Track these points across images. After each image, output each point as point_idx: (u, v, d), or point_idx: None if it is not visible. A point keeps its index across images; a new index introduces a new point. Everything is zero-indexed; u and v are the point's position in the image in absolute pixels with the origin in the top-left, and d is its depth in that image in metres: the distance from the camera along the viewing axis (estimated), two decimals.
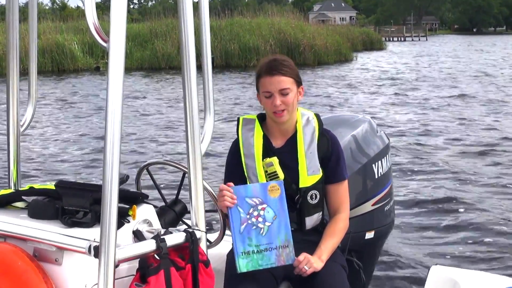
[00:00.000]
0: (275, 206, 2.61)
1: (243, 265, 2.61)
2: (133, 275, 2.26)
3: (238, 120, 2.93)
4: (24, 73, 2.88)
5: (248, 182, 2.83)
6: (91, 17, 2.06)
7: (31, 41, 2.94)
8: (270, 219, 2.61)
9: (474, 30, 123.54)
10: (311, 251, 2.77)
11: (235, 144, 2.90)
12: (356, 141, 3.39)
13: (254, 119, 2.92)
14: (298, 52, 33.42)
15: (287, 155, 2.84)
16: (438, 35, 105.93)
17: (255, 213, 2.60)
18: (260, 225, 2.60)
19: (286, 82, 2.79)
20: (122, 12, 1.99)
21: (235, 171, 2.87)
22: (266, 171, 2.81)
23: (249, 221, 2.60)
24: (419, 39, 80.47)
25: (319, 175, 2.85)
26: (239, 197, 2.60)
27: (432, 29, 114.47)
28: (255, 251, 2.61)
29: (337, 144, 2.91)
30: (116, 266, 2.02)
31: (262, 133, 2.88)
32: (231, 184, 2.64)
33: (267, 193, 2.61)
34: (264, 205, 2.60)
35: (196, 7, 2.48)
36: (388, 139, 3.61)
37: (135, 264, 2.25)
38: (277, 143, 2.89)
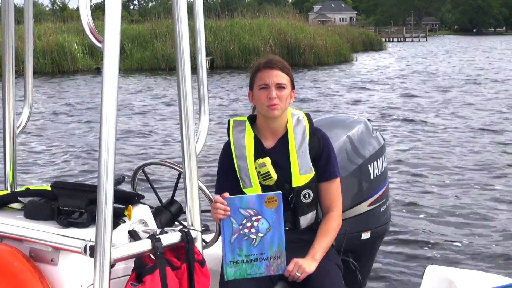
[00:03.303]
0: (270, 218, 2.60)
1: (230, 273, 2.62)
2: (129, 275, 2.27)
3: (228, 122, 2.95)
4: (21, 74, 2.89)
5: (240, 183, 2.85)
6: (86, 17, 2.08)
7: (27, 42, 2.95)
8: (263, 230, 2.60)
9: (474, 30, 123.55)
10: (306, 250, 2.79)
11: (227, 146, 2.93)
12: (351, 142, 3.40)
13: (244, 120, 2.94)
14: (298, 52, 33.48)
15: (279, 155, 2.86)
16: (438, 35, 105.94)
17: (248, 224, 2.59)
18: (252, 236, 2.60)
19: (283, 78, 2.84)
20: (117, 13, 2.00)
21: (228, 173, 2.89)
22: (258, 172, 2.83)
23: (241, 232, 2.59)
24: (419, 40, 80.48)
25: (311, 174, 2.87)
26: (232, 207, 2.59)
27: (432, 29, 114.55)
28: (244, 261, 2.61)
29: (328, 142, 2.93)
30: (112, 265, 2.03)
31: (253, 134, 2.90)
32: (226, 194, 2.63)
33: (263, 204, 2.59)
34: (259, 217, 2.59)
35: (191, 7, 2.50)
36: (384, 140, 3.63)
37: (131, 264, 2.26)
38: (268, 143, 2.91)
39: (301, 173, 2.85)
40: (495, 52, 48.97)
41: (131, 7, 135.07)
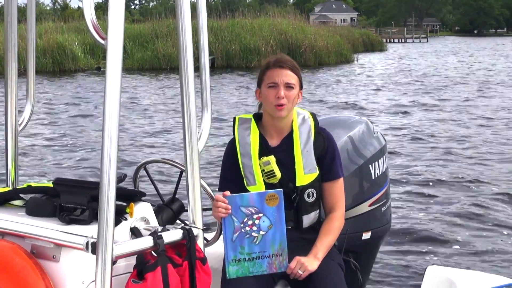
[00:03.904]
0: (272, 215, 2.60)
1: (232, 272, 2.62)
2: (130, 272, 2.27)
3: (234, 120, 2.95)
4: (23, 72, 2.90)
5: (244, 181, 2.86)
6: (89, 14, 2.08)
7: (29, 41, 2.96)
8: (265, 228, 2.60)
9: (475, 31, 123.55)
10: (308, 249, 2.79)
11: (232, 143, 2.93)
12: (352, 142, 3.40)
13: (250, 118, 2.94)
14: (299, 53, 33.46)
15: (284, 154, 2.87)
16: (439, 36, 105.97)
17: (250, 222, 2.59)
18: (254, 234, 2.60)
19: (293, 78, 2.85)
20: (120, 10, 2.01)
21: (232, 171, 2.89)
22: (263, 170, 2.84)
23: (243, 230, 2.59)
24: (420, 41, 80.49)
25: (315, 173, 2.87)
26: (234, 206, 2.58)
27: (433, 30, 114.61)
28: (246, 259, 2.61)
29: (332, 142, 2.94)
30: (113, 262, 2.03)
31: (258, 132, 2.90)
32: (227, 193, 2.63)
33: (264, 202, 2.59)
34: (260, 214, 2.59)
35: (194, 7, 2.51)
36: (385, 140, 3.62)
37: (133, 261, 2.26)
38: (273, 142, 2.91)
39: (305, 172, 2.85)
40: (495, 53, 48.98)
41: (132, 6, 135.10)
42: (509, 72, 29.58)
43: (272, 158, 2.83)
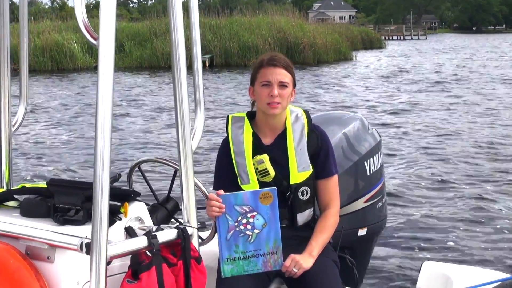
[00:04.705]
0: (266, 214, 2.60)
1: (227, 270, 2.62)
2: (125, 272, 2.27)
3: (227, 118, 2.95)
4: (19, 72, 2.89)
5: (238, 180, 2.86)
6: (81, 14, 2.08)
7: (22, 40, 2.95)
8: (259, 226, 2.60)
9: (474, 28, 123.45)
10: (303, 247, 2.80)
11: (225, 142, 2.93)
12: (347, 139, 3.41)
13: (243, 117, 2.94)
14: (297, 51, 33.43)
15: (277, 152, 2.87)
16: (437, 34, 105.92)
17: (244, 221, 2.59)
18: (248, 232, 2.60)
19: (286, 76, 2.84)
20: (112, 9, 2.00)
21: (226, 169, 2.89)
22: (256, 168, 2.84)
23: (237, 229, 2.59)
24: (419, 38, 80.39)
25: (309, 171, 2.87)
26: (228, 205, 2.58)
27: (431, 28, 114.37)
28: (241, 257, 2.61)
29: (326, 140, 2.94)
30: (108, 263, 2.03)
31: (251, 130, 2.90)
32: (221, 192, 2.63)
33: (258, 200, 2.59)
34: (254, 213, 2.59)
35: (186, 6, 2.50)
36: (380, 136, 3.63)
37: (127, 261, 2.26)
38: (267, 140, 2.91)
39: (299, 170, 2.85)
40: (494, 50, 48.96)
41: (131, 5, 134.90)
42: (505, 70, 29.57)
43: (265, 157, 2.83)
